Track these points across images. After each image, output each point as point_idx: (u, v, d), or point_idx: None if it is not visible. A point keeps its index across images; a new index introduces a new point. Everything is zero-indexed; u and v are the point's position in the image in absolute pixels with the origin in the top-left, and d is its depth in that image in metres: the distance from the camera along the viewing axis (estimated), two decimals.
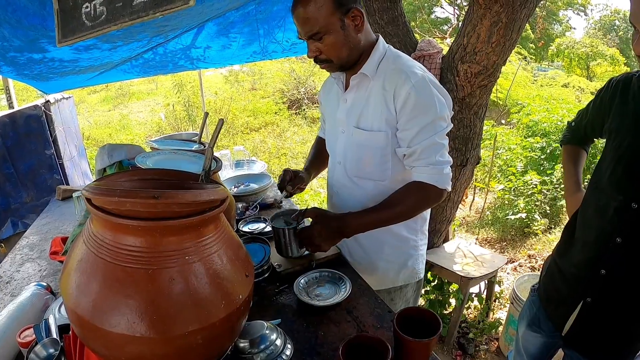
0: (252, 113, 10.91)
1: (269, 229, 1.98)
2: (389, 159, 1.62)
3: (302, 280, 1.53)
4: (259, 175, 2.66)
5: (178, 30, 2.36)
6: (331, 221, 1.54)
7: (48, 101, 4.18)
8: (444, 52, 2.66)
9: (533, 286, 1.90)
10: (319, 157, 2.10)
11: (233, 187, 2.55)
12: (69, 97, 5.04)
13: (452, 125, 1.58)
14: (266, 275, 1.62)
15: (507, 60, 2.46)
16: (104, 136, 10.09)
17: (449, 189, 1.56)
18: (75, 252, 0.93)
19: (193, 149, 1.96)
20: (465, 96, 2.53)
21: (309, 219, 1.61)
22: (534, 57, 16.77)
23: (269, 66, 12.71)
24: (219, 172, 2.97)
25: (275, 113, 10.99)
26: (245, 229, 2.00)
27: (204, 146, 2.10)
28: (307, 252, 1.66)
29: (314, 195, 5.79)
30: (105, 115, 12.16)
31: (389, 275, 1.82)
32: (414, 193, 1.55)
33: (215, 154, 3.16)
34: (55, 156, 4.21)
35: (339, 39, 1.48)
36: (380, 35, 1.62)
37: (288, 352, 1.21)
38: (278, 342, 1.21)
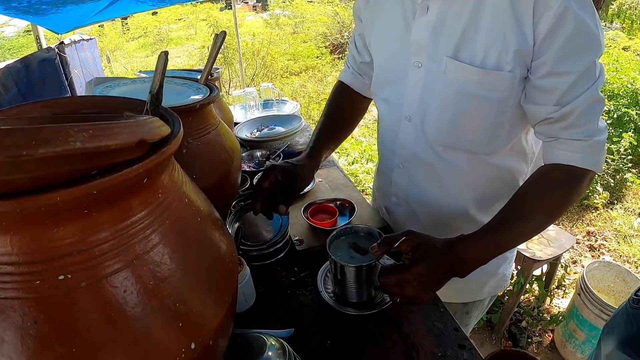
0: (293, 57, 10.38)
1: None
2: (506, 120, 0.99)
3: (330, 269, 1.05)
4: (287, 117, 2.16)
5: None
6: (439, 257, 0.84)
7: (62, 42, 3.88)
8: None
9: (637, 293, 1.39)
10: (339, 121, 1.34)
11: (255, 130, 2.07)
12: (90, 38, 4.69)
13: None
14: (281, 255, 1.16)
15: None
16: None
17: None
18: None
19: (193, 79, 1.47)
20: None
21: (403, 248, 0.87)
22: None
23: (312, 9, 12.13)
24: (246, 112, 2.53)
25: (317, 57, 10.41)
26: None
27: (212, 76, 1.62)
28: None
29: (355, 144, 5.17)
30: (142, 62, 11.93)
31: (471, 287, 1.27)
32: (561, 186, 0.93)
33: (239, 92, 2.68)
34: None
35: None
36: None
37: None
38: None
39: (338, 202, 1.34)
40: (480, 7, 0.90)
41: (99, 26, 12.19)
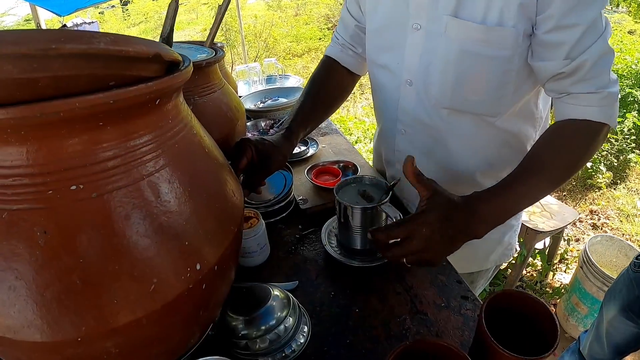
0: (295, 39, 10.29)
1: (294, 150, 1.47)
2: (512, 79, 0.95)
3: (334, 225, 1.07)
4: (290, 89, 2.17)
5: None
6: (454, 212, 0.78)
7: (65, 25, 3.87)
8: None
9: (638, 257, 1.40)
10: (321, 99, 1.23)
11: (259, 102, 2.08)
12: (92, 22, 4.69)
13: None
14: (285, 214, 1.17)
15: None
16: None
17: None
18: None
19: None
20: None
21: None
22: None
23: None
24: (249, 87, 2.53)
25: (320, 39, 10.35)
26: None
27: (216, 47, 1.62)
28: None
29: (358, 123, 5.16)
30: None
31: (477, 256, 1.26)
32: (576, 139, 0.90)
33: (242, 67, 2.67)
34: None
35: None
36: None
37: (302, 340, 0.77)
38: (289, 321, 0.77)
39: (341, 164, 1.35)
40: None
41: (100, 13, 12.10)
